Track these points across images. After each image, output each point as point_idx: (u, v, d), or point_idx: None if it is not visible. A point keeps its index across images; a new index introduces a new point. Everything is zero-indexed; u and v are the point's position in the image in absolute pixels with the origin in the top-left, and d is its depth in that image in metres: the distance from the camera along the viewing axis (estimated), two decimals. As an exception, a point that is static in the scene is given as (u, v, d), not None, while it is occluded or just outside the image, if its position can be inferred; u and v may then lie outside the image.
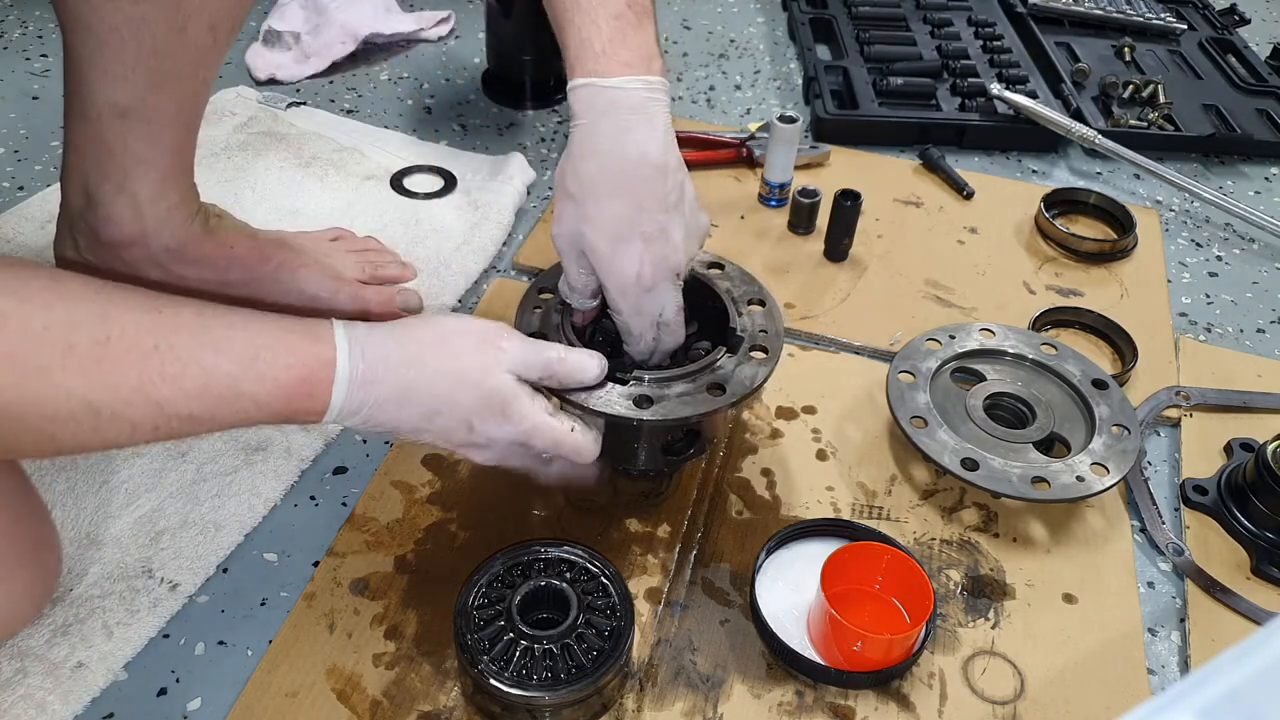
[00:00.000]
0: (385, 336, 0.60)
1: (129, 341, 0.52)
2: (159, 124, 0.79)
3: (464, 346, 0.61)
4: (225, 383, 0.54)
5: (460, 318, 0.64)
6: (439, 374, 0.60)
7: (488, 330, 0.63)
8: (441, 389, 0.60)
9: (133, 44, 0.74)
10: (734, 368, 0.71)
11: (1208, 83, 1.43)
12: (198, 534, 0.75)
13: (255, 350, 0.55)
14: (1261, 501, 0.79)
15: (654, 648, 0.70)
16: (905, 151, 1.27)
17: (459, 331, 0.62)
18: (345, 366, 0.58)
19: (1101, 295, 1.05)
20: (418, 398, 0.60)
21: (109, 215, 0.82)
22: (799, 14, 1.51)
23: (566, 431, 0.65)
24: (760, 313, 0.75)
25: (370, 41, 1.39)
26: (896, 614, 0.72)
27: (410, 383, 0.59)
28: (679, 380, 0.69)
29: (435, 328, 0.62)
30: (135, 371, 0.52)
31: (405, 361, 0.59)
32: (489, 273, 1.04)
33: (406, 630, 0.70)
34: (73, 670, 0.65)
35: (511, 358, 0.63)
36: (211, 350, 0.54)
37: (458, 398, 0.61)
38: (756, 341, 0.73)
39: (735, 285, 0.77)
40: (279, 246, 0.92)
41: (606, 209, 0.67)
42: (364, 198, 1.11)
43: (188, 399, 0.53)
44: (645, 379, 0.69)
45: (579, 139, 0.67)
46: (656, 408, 0.67)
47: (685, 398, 0.68)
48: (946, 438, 0.80)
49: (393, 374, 0.59)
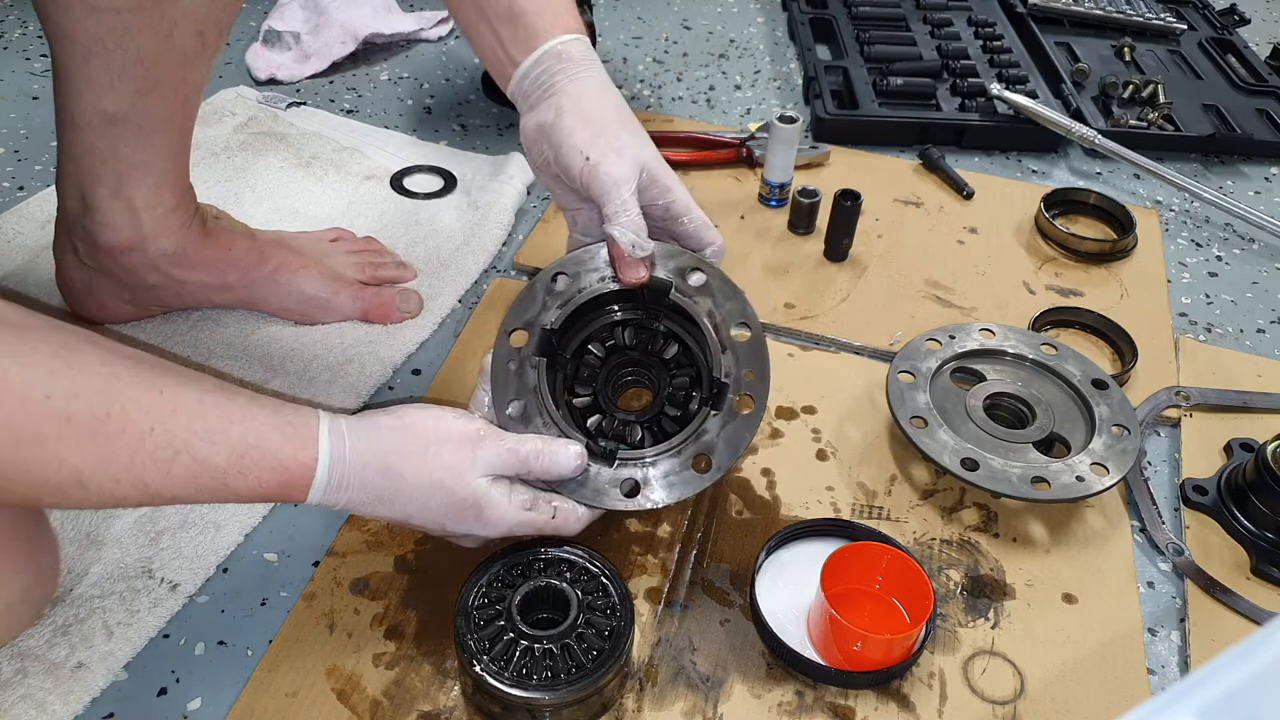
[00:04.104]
0: (364, 441, 0.61)
1: (127, 420, 0.52)
2: (150, 129, 0.79)
3: (440, 454, 0.63)
4: (211, 475, 0.56)
5: (440, 416, 0.65)
6: (414, 486, 0.62)
7: (465, 435, 0.64)
8: (416, 497, 0.63)
9: (118, 52, 0.74)
10: (719, 430, 0.71)
11: (1208, 83, 1.43)
12: (198, 534, 0.75)
13: (244, 448, 0.56)
14: (1261, 501, 0.79)
15: (654, 648, 0.70)
16: (905, 151, 1.27)
17: (437, 439, 0.63)
18: (323, 475, 0.59)
19: (1101, 295, 1.05)
20: (393, 503, 0.63)
21: (105, 221, 0.82)
22: (799, 14, 1.51)
23: (547, 519, 0.67)
24: (745, 342, 0.73)
25: (370, 41, 1.39)
26: (896, 614, 0.72)
27: (384, 491, 0.62)
28: (664, 456, 0.70)
29: (415, 435, 0.63)
30: (128, 452, 0.53)
31: (381, 471, 0.61)
32: (489, 273, 1.04)
33: (406, 630, 0.70)
34: (73, 670, 0.65)
35: (487, 461, 0.64)
36: (205, 443, 0.55)
37: (432, 505, 0.63)
38: (743, 388, 0.72)
39: (717, 303, 0.74)
40: (278, 247, 0.92)
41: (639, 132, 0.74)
42: (364, 198, 1.11)
43: (173, 486, 0.55)
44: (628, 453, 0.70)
45: (598, 79, 0.73)
46: (642, 496, 0.69)
47: (672, 478, 0.69)
48: (946, 438, 0.80)
49: (370, 483, 0.61)
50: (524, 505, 0.66)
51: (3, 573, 0.59)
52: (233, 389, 0.58)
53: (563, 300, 0.73)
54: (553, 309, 0.73)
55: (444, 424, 0.64)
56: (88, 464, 0.52)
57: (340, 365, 0.90)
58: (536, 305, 0.73)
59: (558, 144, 0.71)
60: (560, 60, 0.72)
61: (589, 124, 0.71)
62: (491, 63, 0.77)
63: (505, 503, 0.65)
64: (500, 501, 0.64)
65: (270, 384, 0.87)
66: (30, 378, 0.50)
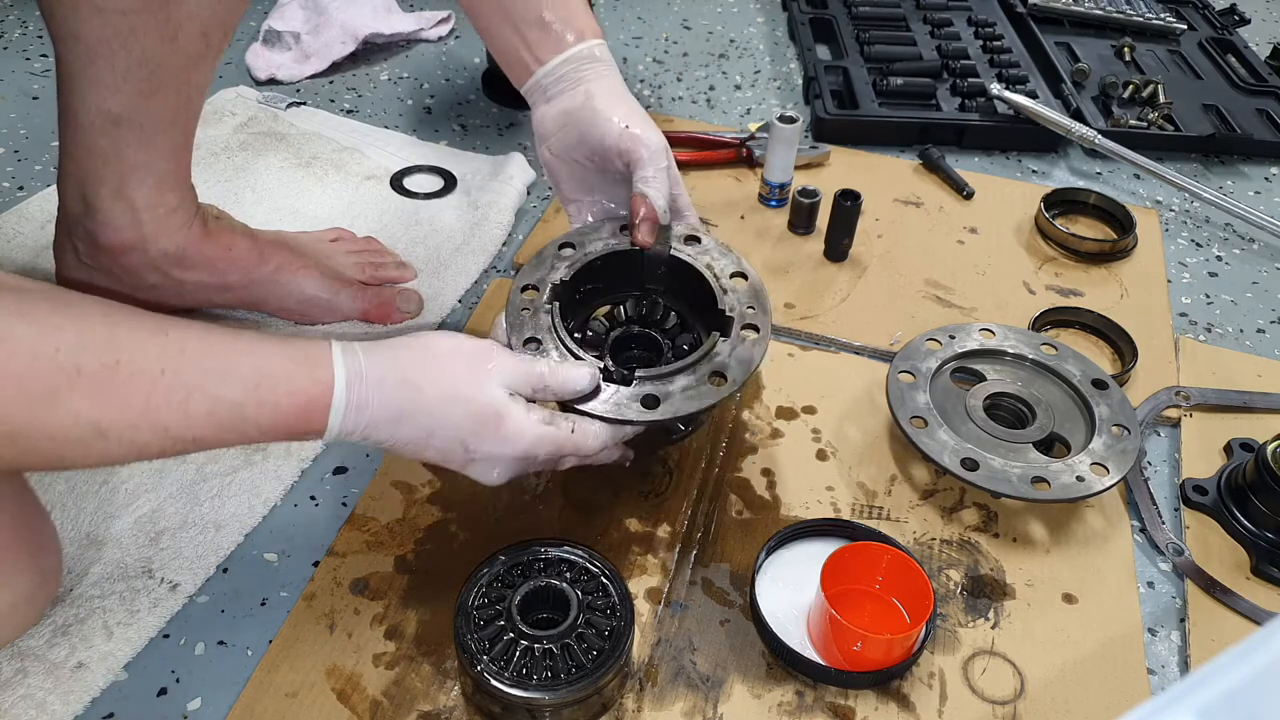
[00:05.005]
0: (380, 361, 0.61)
1: (137, 365, 0.53)
2: (153, 130, 0.79)
3: (455, 366, 0.63)
4: (230, 410, 0.56)
5: (452, 336, 0.65)
6: (432, 396, 0.62)
7: (479, 349, 0.64)
8: (435, 409, 0.62)
9: (123, 53, 0.74)
10: (730, 351, 0.72)
11: (1208, 83, 1.43)
12: (198, 534, 0.75)
13: (258, 378, 0.56)
14: (1261, 501, 0.79)
15: (654, 648, 0.70)
16: (905, 151, 1.27)
17: (451, 352, 0.63)
18: (342, 393, 0.59)
19: (1101, 295, 1.05)
20: (412, 419, 0.62)
21: (106, 221, 0.82)
22: (799, 14, 1.51)
23: (567, 434, 0.65)
24: (744, 288, 0.76)
25: (370, 41, 1.39)
26: (896, 614, 0.72)
27: (404, 404, 0.61)
28: (680, 374, 0.70)
29: (428, 349, 0.63)
30: (143, 396, 0.53)
31: (399, 384, 0.61)
32: (489, 273, 1.04)
33: (406, 630, 0.70)
34: (73, 670, 0.65)
35: (502, 374, 0.64)
36: (217, 377, 0.55)
37: (451, 416, 0.62)
38: (746, 320, 0.74)
39: (715, 259, 0.78)
40: (278, 247, 0.92)
41: None
42: (364, 198, 1.11)
43: (192, 424, 0.55)
44: (645, 376, 0.69)
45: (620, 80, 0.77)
46: (665, 406, 0.68)
47: (690, 391, 0.69)
48: (946, 438, 0.80)
49: (388, 397, 0.60)
50: (543, 420, 0.65)
51: (7, 574, 0.59)
52: (240, 330, 0.59)
53: (570, 262, 0.77)
54: (561, 268, 0.76)
55: (457, 342, 0.64)
56: (105, 414, 0.52)
57: (340, 365, 0.90)
58: (546, 266, 0.77)
59: (589, 119, 0.74)
60: (590, 61, 0.76)
61: (624, 103, 0.75)
62: (510, 62, 0.78)
63: (524, 416, 0.64)
64: (519, 414, 0.63)
65: (270, 384, 0.87)
66: (36, 333, 0.50)
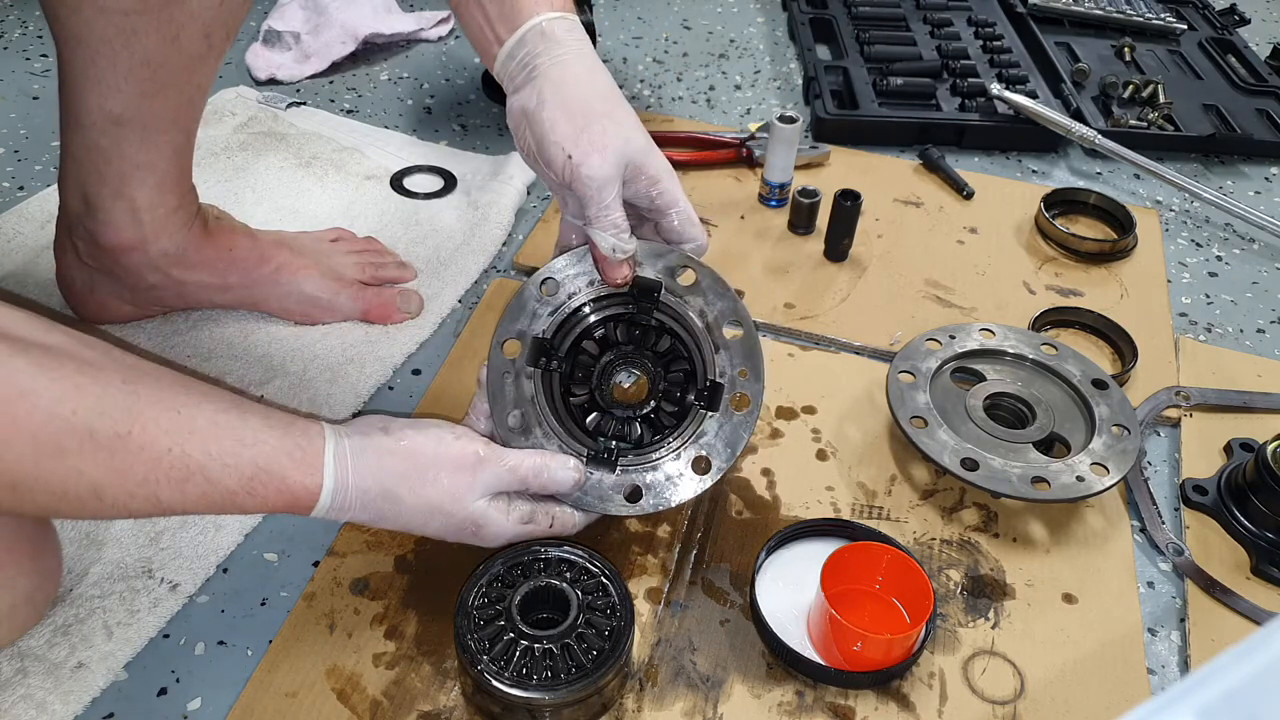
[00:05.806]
0: (367, 468, 0.63)
1: (147, 438, 0.54)
2: (155, 130, 0.79)
3: (439, 479, 0.65)
4: (222, 495, 0.58)
5: (440, 439, 0.66)
6: (412, 509, 0.64)
7: (463, 459, 0.65)
8: (414, 519, 0.65)
9: (125, 54, 0.74)
10: (716, 431, 0.72)
11: (1208, 83, 1.43)
12: (198, 534, 0.75)
13: (255, 470, 0.58)
14: (1261, 501, 0.79)
15: (654, 648, 0.70)
16: (905, 151, 1.27)
17: (434, 461, 0.65)
18: (326, 501, 0.61)
19: (1101, 295, 1.05)
20: (392, 522, 0.65)
21: (107, 221, 0.82)
22: (799, 14, 1.51)
23: (545, 529, 0.70)
24: (738, 342, 0.74)
25: (370, 41, 1.39)
26: (896, 614, 0.72)
27: (384, 512, 0.64)
28: (665, 460, 0.72)
29: (413, 458, 0.64)
30: (145, 469, 0.54)
31: (381, 495, 0.63)
32: (489, 273, 1.04)
33: (406, 630, 0.70)
34: (73, 670, 0.65)
35: (485, 483, 0.66)
36: (219, 466, 0.57)
37: (430, 525, 0.66)
38: (737, 387, 0.73)
39: (708, 302, 0.74)
40: (279, 248, 0.92)
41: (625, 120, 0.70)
42: (364, 198, 1.11)
43: (185, 501, 0.56)
44: (628, 453, 0.72)
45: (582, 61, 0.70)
46: (646, 499, 0.71)
47: (673, 480, 0.71)
48: (946, 438, 0.80)
49: (369, 505, 0.63)
50: (522, 519, 0.68)
51: (7, 575, 0.59)
52: (246, 405, 0.60)
53: (553, 307, 0.74)
54: (544, 316, 0.73)
55: (443, 447, 0.65)
56: (106, 478, 0.53)
57: (340, 365, 0.90)
58: (527, 314, 0.74)
59: (540, 136, 0.69)
60: (544, 40, 0.69)
61: (571, 117, 0.68)
62: (479, 42, 0.74)
63: (503, 520, 0.67)
64: (498, 519, 0.67)
65: (270, 384, 0.87)
66: (58, 393, 0.51)
